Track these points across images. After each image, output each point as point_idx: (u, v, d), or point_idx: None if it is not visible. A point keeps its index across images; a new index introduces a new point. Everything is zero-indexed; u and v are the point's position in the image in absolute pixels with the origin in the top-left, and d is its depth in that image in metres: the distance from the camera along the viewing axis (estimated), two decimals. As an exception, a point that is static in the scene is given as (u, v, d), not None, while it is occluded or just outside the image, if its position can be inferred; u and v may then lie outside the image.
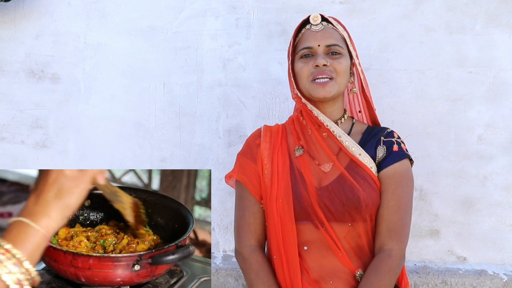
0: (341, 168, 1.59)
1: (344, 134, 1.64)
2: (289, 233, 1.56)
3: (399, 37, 2.11)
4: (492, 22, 2.08)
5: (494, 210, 2.11)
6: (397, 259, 1.54)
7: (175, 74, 2.17)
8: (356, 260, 1.57)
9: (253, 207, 1.65)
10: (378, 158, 1.62)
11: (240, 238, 1.64)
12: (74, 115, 2.19)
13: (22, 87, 2.19)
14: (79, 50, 2.18)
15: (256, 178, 1.66)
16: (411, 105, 2.11)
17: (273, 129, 1.73)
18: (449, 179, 2.11)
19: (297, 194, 1.58)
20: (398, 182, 1.59)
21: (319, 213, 1.55)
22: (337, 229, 1.56)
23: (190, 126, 2.18)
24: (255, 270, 1.59)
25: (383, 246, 1.56)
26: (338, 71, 1.61)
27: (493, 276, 2.07)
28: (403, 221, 1.58)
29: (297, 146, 1.67)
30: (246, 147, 1.73)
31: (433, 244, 2.13)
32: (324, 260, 1.56)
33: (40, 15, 2.18)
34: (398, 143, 1.64)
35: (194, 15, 2.16)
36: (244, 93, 2.16)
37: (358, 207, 1.54)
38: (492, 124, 2.10)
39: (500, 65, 2.08)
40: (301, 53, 1.64)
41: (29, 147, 2.20)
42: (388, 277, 1.51)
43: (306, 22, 1.68)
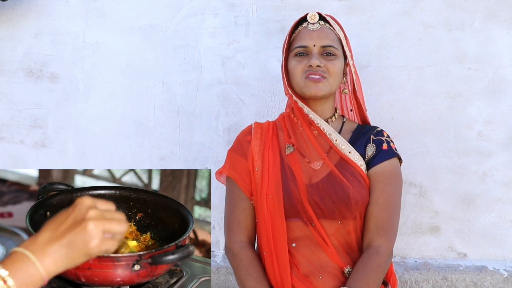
0: (331, 166, 1.62)
1: (334, 132, 1.66)
2: (279, 229, 1.59)
3: (398, 34, 2.13)
4: (491, 18, 2.10)
5: (494, 206, 2.13)
6: (385, 256, 1.57)
7: (174, 72, 2.18)
8: (345, 256, 1.60)
9: (243, 203, 1.67)
10: (367, 156, 1.65)
11: (230, 234, 1.67)
12: (73, 114, 2.20)
13: (20, 86, 2.20)
14: (77, 49, 2.19)
15: (246, 174, 1.67)
16: (410, 102, 2.13)
17: (264, 126, 1.74)
18: (449, 176, 2.13)
19: (287, 191, 1.60)
20: (387, 180, 1.62)
21: (309, 210, 1.58)
22: (326, 226, 1.59)
23: (190, 125, 2.19)
24: (245, 266, 1.61)
25: (371, 243, 1.59)
26: (331, 72, 1.63)
27: (493, 272, 2.09)
28: (392, 219, 1.61)
29: (287, 144, 1.69)
30: (237, 144, 1.75)
31: (433, 241, 2.15)
32: (313, 256, 1.59)
33: (38, 14, 2.19)
34: (388, 142, 1.67)
35: (193, 13, 2.17)
36: (244, 91, 2.18)
37: (348, 204, 1.57)
38: (492, 120, 2.11)
39: (499, 62, 2.10)
40: (296, 51, 1.66)
41: (28, 147, 2.21)
42: (376, 273, 1.54)
43: (303, 20, 1.69)
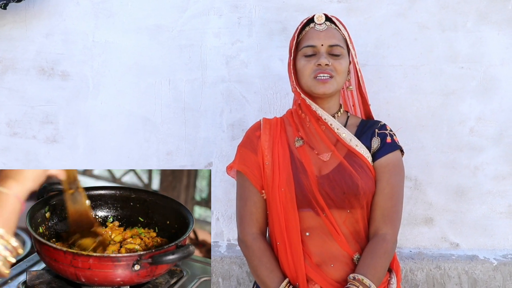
0: (340, 157, 1.65)
1: (341, 127, 1.69)
2: (292, 220, 1.61)
3: (394, 35, 2.15)
4: (482, 20, 2.11)
5: (485, 199, 2.16)
6: (391, 243, 1.62)
7: (180, 71, 2.19)
8: (354, 244, 1.63)
9: (254, 197, 1.68)
10: (373, 149, 1.69)
11: (243, 226, 1.68)
12: (83, 111, 2.21)
13: (33, 84, 2.21)
14: (87, 48, 2.20)
15: (257, 168, 1.69)
16: (405, 99, 2.15)
17: (272, 122, 1.76)
18: (442, 170, 2.16)
19: (299, 183, 1.62)
20: (392, 172, 1.66)
21: (320, 200, 1.60)
22: (336, 216, 1.61)
23: (195, 121, 2.20)
24: (258, 256, 1.64)
25: (378, 230, 1.63)
26: (338, 70, 1.65)
27: (484, 261, 2.12)
28: (396, 208, 1.65)
29: (296, 137, 1.71)
30: (246, 139, 1.75)
31: (427, 231, 2.18)
32: (325, 245, 1.61)
33: (50, 14, 2.19)
34: (391, 135, 1.71)
35: (198, 14, 2.18)
36: (247, 89, 2.19)
37: (357, 194, 1.60)
38: (483, 117, 2.14)
39: (490, 61, 2.12)
40: (304, 51, 1.67)
41: (40, 142, 2.22)
42: (383, 259, 1.58)
43: (310, 21, 1.71)
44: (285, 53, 1.86)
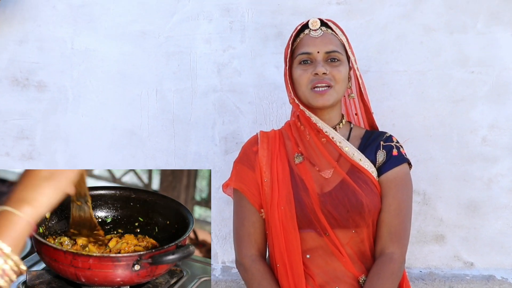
0: (343, 174, 1.62)
1: (344, 140, 1.66)
2: (293, 240, 1.59)
3: (398, 38, 2.13)
4: (494, 20, 2.11)
5: (500, 213, 2.12)
6: (399, 263, 1.58)
7: (168, 80, 2.17)
8: (360, 265, 1.60)
9: (252, 216, 1.66)
10: (378, 163, 1.66)
11: (241, 248, 1.66)
12: (62, 124, 2.18)
13: (5, 96, 2.18)
14: (66, 56, 2.18)
15: (255, 186, 1.67)
16: (412, 107, 2.13)
17: (270, 135, 1.74)
18: (453, 183, 2.13)
19: (299, 201, 1.60)
20: (398, 186, 1.63)
21: (322, 219, 1.57)
22: (340, 236, 1.59)
23: (185, 134, 2.18)
24: (258, 280, 1.61)
25: (384, 249, 1.60)
26: (337, 79, 1.63)
27: (501, 281, 2.08)
28: (404, 225, 1.62)
29: (296, 153, 1.69)
30: (243, 155, 1.73)
31: (438, 250, 2.15)
32: (328, 266, 1.59)
33: (23, 19, 2.17)
34: (397, 147, 1.68)
35: (186, 18, 2.17)
36: (240, 99, 2.17)
37: (361, 212, 1.57)
38: (496, 125, 2.12)
39: (503, 64, 2.11)
40: (300, 59, 1.65)
41: (15, 159, 2.19)
42: (390, 281, 1.55)
43: (305, 27, 1.69)
44: (281, 60, 1.87)
